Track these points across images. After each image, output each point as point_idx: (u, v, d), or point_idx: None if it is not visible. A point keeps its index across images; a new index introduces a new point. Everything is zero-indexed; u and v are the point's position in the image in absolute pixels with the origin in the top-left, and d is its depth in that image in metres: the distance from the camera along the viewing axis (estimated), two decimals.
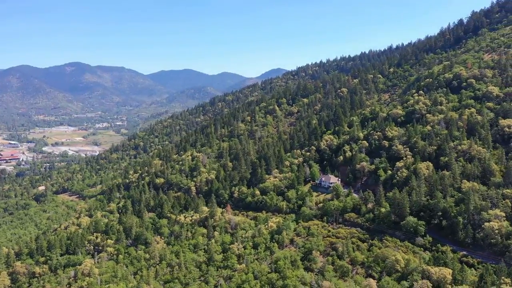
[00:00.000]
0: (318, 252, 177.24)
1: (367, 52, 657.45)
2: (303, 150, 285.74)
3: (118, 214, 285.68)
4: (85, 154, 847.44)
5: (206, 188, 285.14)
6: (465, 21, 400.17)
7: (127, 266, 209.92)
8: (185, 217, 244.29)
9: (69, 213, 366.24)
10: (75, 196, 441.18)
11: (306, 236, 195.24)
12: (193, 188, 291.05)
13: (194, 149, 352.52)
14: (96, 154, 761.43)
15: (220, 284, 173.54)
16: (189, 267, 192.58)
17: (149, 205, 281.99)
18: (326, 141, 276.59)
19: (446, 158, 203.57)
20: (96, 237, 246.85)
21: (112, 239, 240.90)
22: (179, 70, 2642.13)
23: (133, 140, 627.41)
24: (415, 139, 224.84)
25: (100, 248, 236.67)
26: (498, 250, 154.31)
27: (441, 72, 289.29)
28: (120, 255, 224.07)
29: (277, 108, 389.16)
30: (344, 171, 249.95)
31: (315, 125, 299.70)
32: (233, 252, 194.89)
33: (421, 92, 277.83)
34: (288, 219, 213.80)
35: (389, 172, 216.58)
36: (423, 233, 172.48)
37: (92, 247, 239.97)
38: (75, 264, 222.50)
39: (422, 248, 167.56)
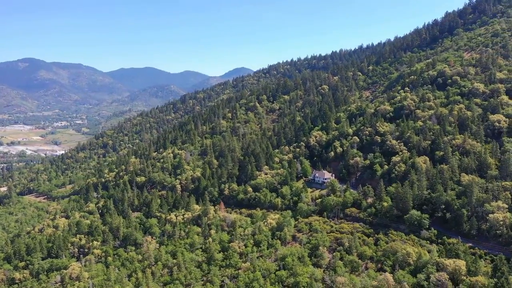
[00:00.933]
0: (325, 248, 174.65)
1: (337, 51, 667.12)
2: (291, 147, 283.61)
3: (99, 215, 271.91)
4: (45, 154, 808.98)
5: (193, 186, 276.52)
6: (439, 21, 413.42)
7: (119, 269, 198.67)
8: (176, 216, 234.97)
9: (40, 215, 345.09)
10: (43, 197, 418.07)
11: (309, 232, 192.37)
12: (178, 186, 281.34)
13: (175, 147, 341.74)
14: (57, 153, 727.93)
15: (226, 284, 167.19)
16: (189, 267, 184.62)
17: (133, 205, 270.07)
18: (315, 137, 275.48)
19: (442, 153, 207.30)
20: (80, 239, 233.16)
21: (98, 241, 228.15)
22: (140, 68, 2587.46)
23: (101, 138, 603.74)
24: (408, 134, 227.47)
25: (86, 250, 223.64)
26: (503, 241, 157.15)
27: (424, 69, 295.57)
28: (109, 257, 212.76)
29: (258, 105, 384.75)
30: (336, 167, 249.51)
31: (302, 122, 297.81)
32: (234, 251, 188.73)
33: (406, 89, 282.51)
34: (285, 216, 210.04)
35: (386, 167, 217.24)
36: (427, 226, 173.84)
37: (76, 249, 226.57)
38: (59, 268, 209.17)
39: (428, 241, 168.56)
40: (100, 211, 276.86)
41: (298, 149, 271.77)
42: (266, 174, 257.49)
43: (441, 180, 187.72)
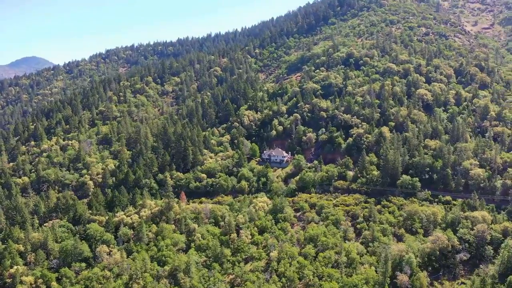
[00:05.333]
0: (347, 221, 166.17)
1: (183, 38, 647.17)
2: (221, 128, 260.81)
3: None
4: None
5: (113, 180, 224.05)
6: (311, 11, 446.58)
7: None
8: (127, 215, 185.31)
9: None
10: None
11: (310, 210, 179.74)
12: (90, 183, 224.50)
13: (57, 137, 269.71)
14: None
15: (268, 279, 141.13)
16: (196, 271, 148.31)
17: (38, 212, 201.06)
18: (248, 117, 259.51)
19: (393, 123, 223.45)
20: None
21: (19, 265, 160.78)
22: None
23: None
24: (357, 108, 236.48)
25: (8, 280, 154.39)
26: (488, 191, 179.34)
27: (331, 52, 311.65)
28: (52, 283, 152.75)
29: (146, 87, 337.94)
30: (281, 145, 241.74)
31: (226, 102, 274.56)
32: (243, 242, 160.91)
33: (322, 68, 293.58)
34: (266, 196, 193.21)
35: (350, 139, 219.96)
36: (419, 189, 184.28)
37: None
38: None
39: (427, 201, 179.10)
40: None
41: (234, 130, 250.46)
42: (211, 158, 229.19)
43: (411, 146, 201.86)
